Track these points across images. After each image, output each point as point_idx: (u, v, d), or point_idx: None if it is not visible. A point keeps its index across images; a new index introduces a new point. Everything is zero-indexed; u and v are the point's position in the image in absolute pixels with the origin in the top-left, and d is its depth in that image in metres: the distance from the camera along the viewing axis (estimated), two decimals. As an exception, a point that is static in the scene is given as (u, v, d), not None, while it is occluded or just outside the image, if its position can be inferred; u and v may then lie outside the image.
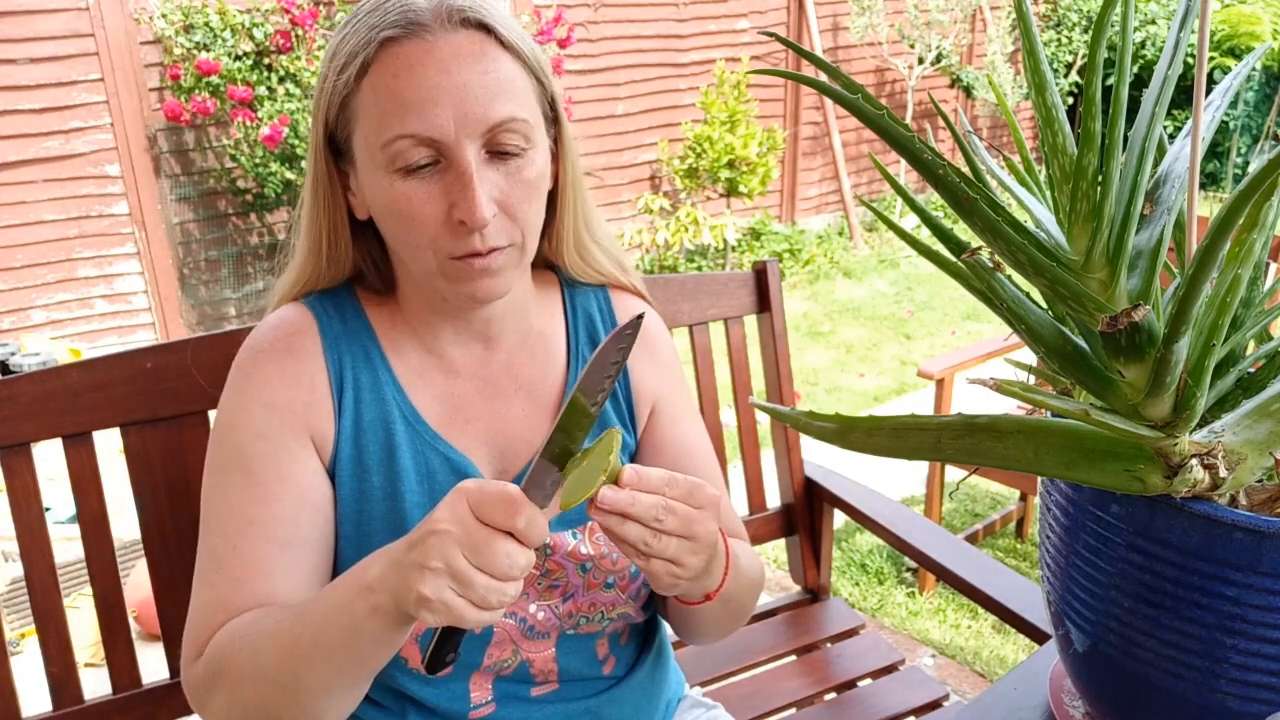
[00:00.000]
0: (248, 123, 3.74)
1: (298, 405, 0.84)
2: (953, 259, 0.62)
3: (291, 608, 0.76)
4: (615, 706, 0.94)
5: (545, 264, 0.96)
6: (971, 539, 2.57)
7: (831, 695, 1.37)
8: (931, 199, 6.21)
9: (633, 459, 0.96)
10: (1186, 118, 0.63)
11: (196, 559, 0.84)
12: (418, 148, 0.75)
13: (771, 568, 2.65)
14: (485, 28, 0.78)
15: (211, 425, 0.87)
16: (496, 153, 0.78)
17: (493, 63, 0.77)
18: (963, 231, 0.64)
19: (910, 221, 5.89)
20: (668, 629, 1.01)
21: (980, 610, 2.40)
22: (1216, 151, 7.19)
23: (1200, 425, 0.63)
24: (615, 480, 0.68)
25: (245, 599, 0.80)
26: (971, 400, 3.17)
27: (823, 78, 0.58)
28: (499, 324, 0.90)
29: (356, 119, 0.79)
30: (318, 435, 0.85)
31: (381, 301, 0.91)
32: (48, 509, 1.02)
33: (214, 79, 3.70)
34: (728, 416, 2.99)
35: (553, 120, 0.87)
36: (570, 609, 0.89)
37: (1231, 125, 7.03)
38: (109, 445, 1.42)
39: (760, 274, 1.42)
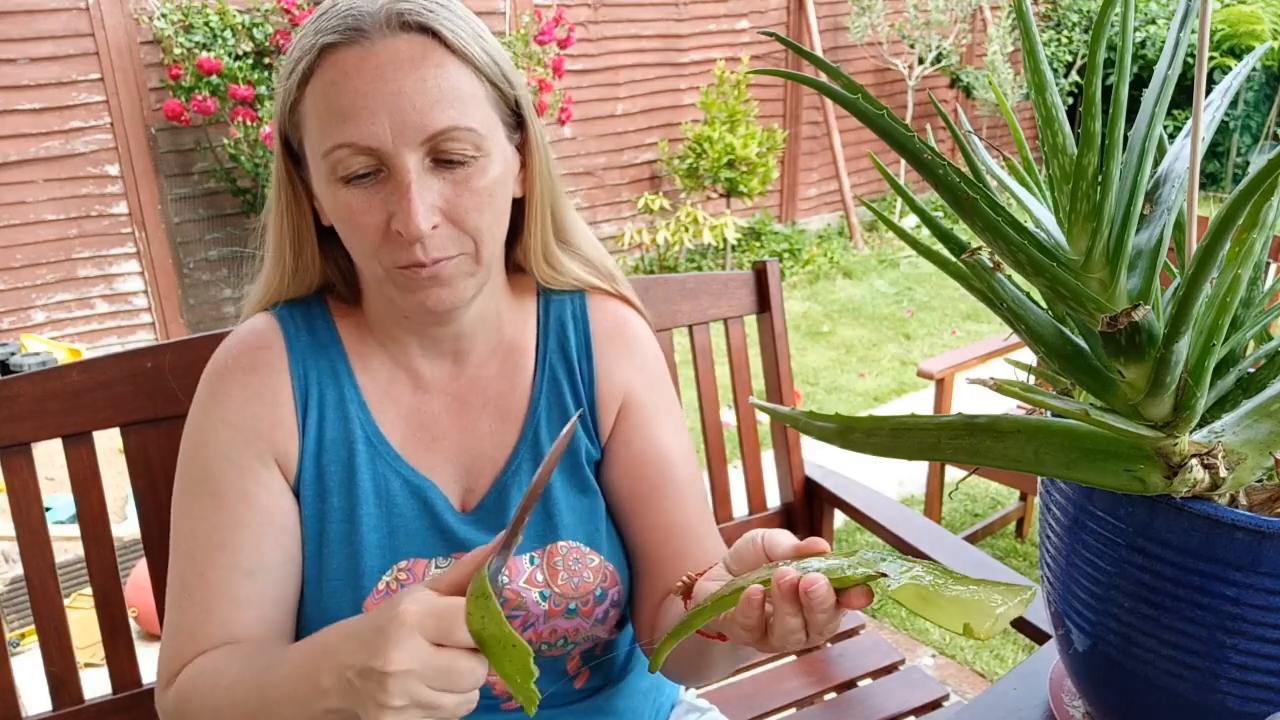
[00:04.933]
0: (248, 122, 3.74)
1: (261, 424, 0.83)
2: (953, 259, 0.62)
3: (252, 669, 0.75)
4: (596, 717, 0.93)
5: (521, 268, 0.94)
6: (971, 539, 2.57)
7: (831, 695, 1.37)
8: (931, 199, 6.21)
9: (596, 466, 0.92)
10: (1186, 118, 0.63)
11: (168, 578, 0.83)
12: (356, 156, 0.73)
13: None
14: (429, 30, 0.75)
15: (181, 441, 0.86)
16: (442, 161, 0.75)
17: (435, 69, 0.74)
18: (963, 231, 0.64)
19: (910, 221, 5.89)
20: None
21: (980, 610, 2.39)
22: (1216, 151, 7.19)
23: (1200, 425, 0.63)
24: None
25: (215, 629, 0.80)
26: (971, 400, 3.17)
27: (823, 78, 0.58)
28: (469, 339, 0.88)
29: (303, 126, 0.77)
30: (281, 454, 0.83)
31: (349, 311, 0.89)
32: (48, 509, 1.02)
33: (215, 78, 3.70)
34: (728, 416, 2.99)
35: (516, 125, 0.83)
36: (530, 637, 0.87)
37: (1231, 125, 7.03)
38: (109, 445, 1.42)
39: (760, 274, 1.42)
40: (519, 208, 0.86)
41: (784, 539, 0.67)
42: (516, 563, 0.86)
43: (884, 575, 0.60)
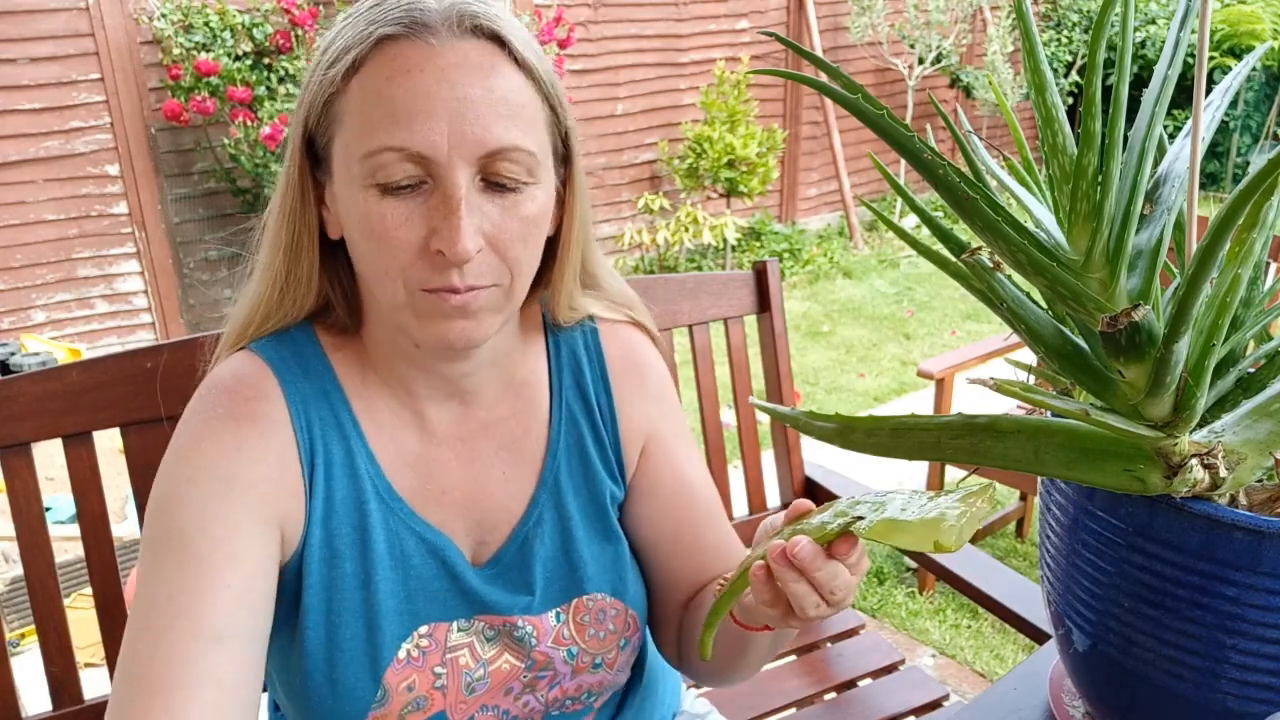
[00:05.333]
0: (248, 123, 3.74)
1: (264, 485, 0.73)
2: (953, 259, 0.62)
3: None
4: None
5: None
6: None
7: (831, 695, 1.37)
8: (931, 199, 6.21)
9: (621, 507, 0.88)
10: (1186, 118, 0.63)
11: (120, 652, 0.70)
12: (403, 163, 0.66)
13: (771, 568, 2.65)
14: (499, 40, 0.69)
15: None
16: (493, 183, 0.69)
17: (502, 80, 0.68)
18: (963, 231, 0.64)
19: (910, 221, 5.89)
20: (653, 651, 0.97)
21: (980, 610, 2.40)
22: (1216, 151, 7.19)
23: (1200, 425, 0.63)
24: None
25: (164, 716, 0.65)
26: (971, 400, 3.17)
27: (823, 78, 0.58)
28: (478, 379, 0.81)
29: (339, 122, 0.69)
30: (286, 519, 0.74)
31: (344, 342, 0.80)
32: (48, 509, 1.02)
33: (213, 79, 3.70)
34: (728, 416, 2.99)
35: (564, 158, 0.77)
36: (556, 695, 0.83)
37: (1231, 125, 7.03)
38: (109, 445, 1.42)
39: (760, 274, 1.42)
40: (549, 246, 0.79)
41: (780, 517, 0.68)
42: (543, 621, 0.81)
43: (859, 519, 0.61)
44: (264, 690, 0.75)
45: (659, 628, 0.92)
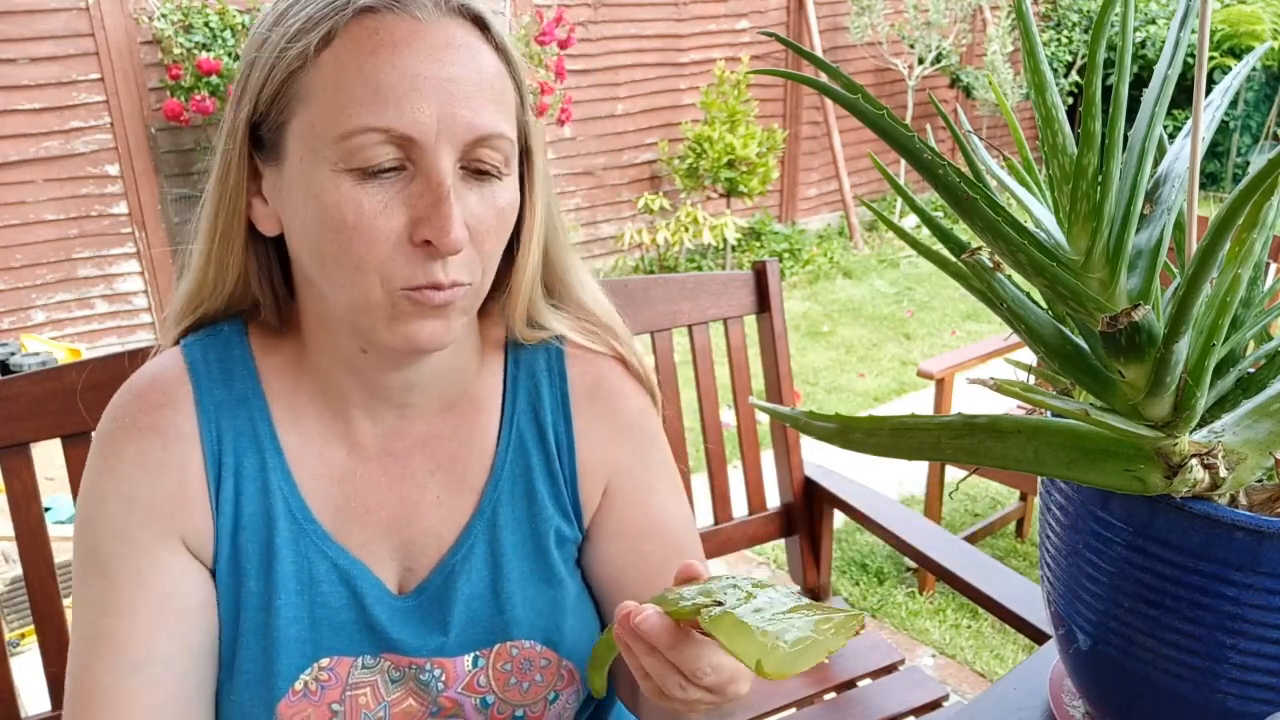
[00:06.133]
0: (248, 123, 3.74)
1: (162, 500, 0.69)
2: (953, 259, 0.62)
3: None
4: None
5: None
6: (971, 539, 2.57)
7: (831, 695, 1.37)
8: (931, 199, 6.21)
9: (580, 547, 0.81)
10: (1186, 118, 0.63)
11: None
12: (385, 145, 0.61)
13: (771, 568, 2.65)
14: (481, 22, 0.66)
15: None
16: (472, 171, 0.65)
17: (487, 63, 0.64)
18: (963, 231, 0.64)
19: (910, 221, 5.89)
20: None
21: (980, 610, 2.40)
22: (1216, 151, 7.19)
23: (1200, 425, 0.63)
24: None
25: None
26: (971, 400, 3.17)
27: (823, 78, 0.58)
28: (421, 391, 0.74)
29: (303, 100, 0.62)
30: (190, 534, 0.70)
31: (278, 345, 0.74)
32: (48, 509, 1.02)
33: (214, 78, 3.70)
34: (727, 416, 2.99)
35: (525, 152, 0.72)
36: None
37: (1231, 125, 7.03)
38: (109, 445, 1.42)
39: (760, 274, 1.42)
40: (508, 252, 0.73)
41: (684, 571, 0.60)
42: (456, 664, 0.74)
43: (719, 604, 0.53)
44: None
45: (619, 672, 0.83)
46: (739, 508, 1.48)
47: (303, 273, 0.70)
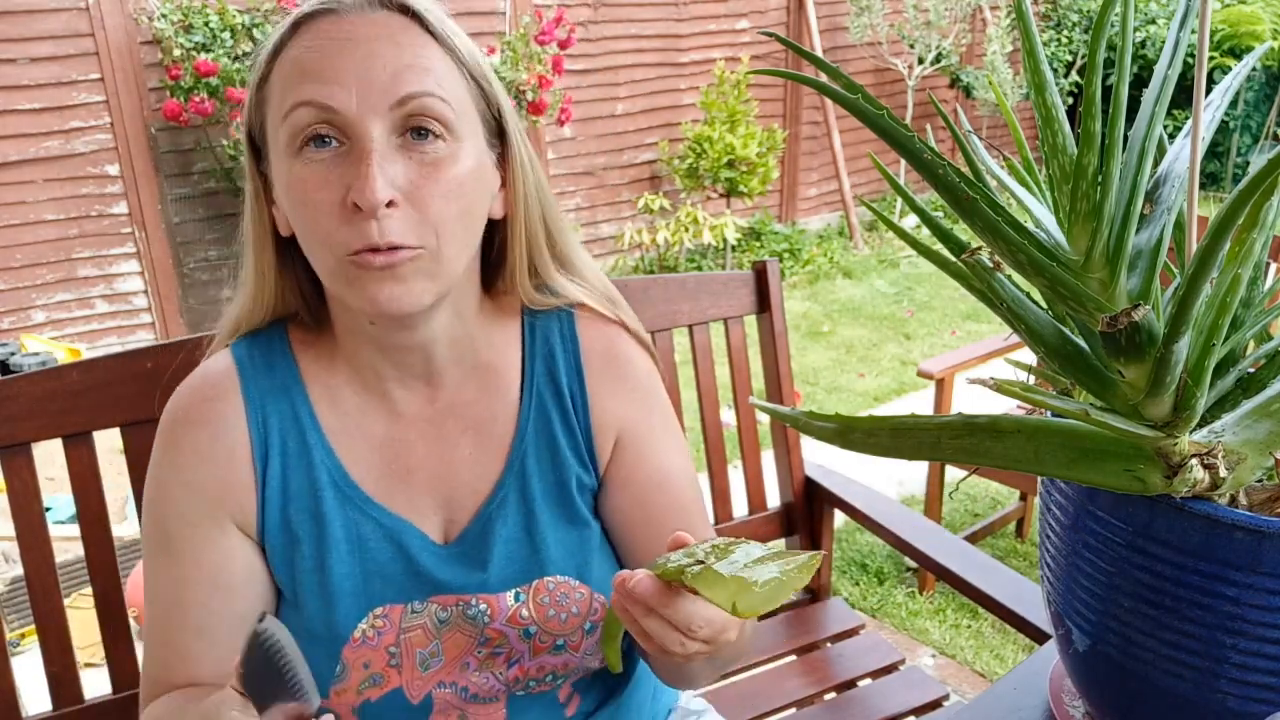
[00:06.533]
0: (248, 123, 3.74)
1: (213, 484, 0.79)
2: (953, 259, 0.62)
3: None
4: None
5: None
6: (971, 539, 2.57)
7: (831, 695, 1.37)
8: (931, 199, 6.21)
9: (594, 496, 0.89)
10: (1186, 118, 0.63)
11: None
12: (316, 115, 0.69)
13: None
14: (409, 11, 0.73)
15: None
16: (411, 134, 0.71)
17: (410, 42, 0.72)
18: (963, 231, 0.64)
19: (910, 221, 5.89)
20: None
21: (980, 610, 2.40)
22: (1216, 151, 7.19)
23: (1200, 425, 0.63)
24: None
25: (173, 680, 0.80)
26: (971, 400, 3.17)
27: (823, 78, 0.58)
28: (441, 358, 0.82)
29: (266, 104, 0.74)
30: (238, 512, 0.80)
31: (314, 340, 0.84)
32: (48, 509, 1.02)
33: (213, 80, 3.70)
34: (728, 416, 2.99)
35: (498, 135, 0.79)
36: (516, 674, 0.84)
37: (1231, 125, 7.03)
38: (109, 445, 1.42)
39: (760, 274, 1.42)
40: (502, 230, 0.83)
41: (675, 540, 0.66)
42: (499, 600, 0.82)
43: (699, 563, 0.60)
44: None
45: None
46: (739, 507, 1.48)
47: (307, 258, 0.76)
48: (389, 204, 0.69)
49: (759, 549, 0.61)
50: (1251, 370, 0.67)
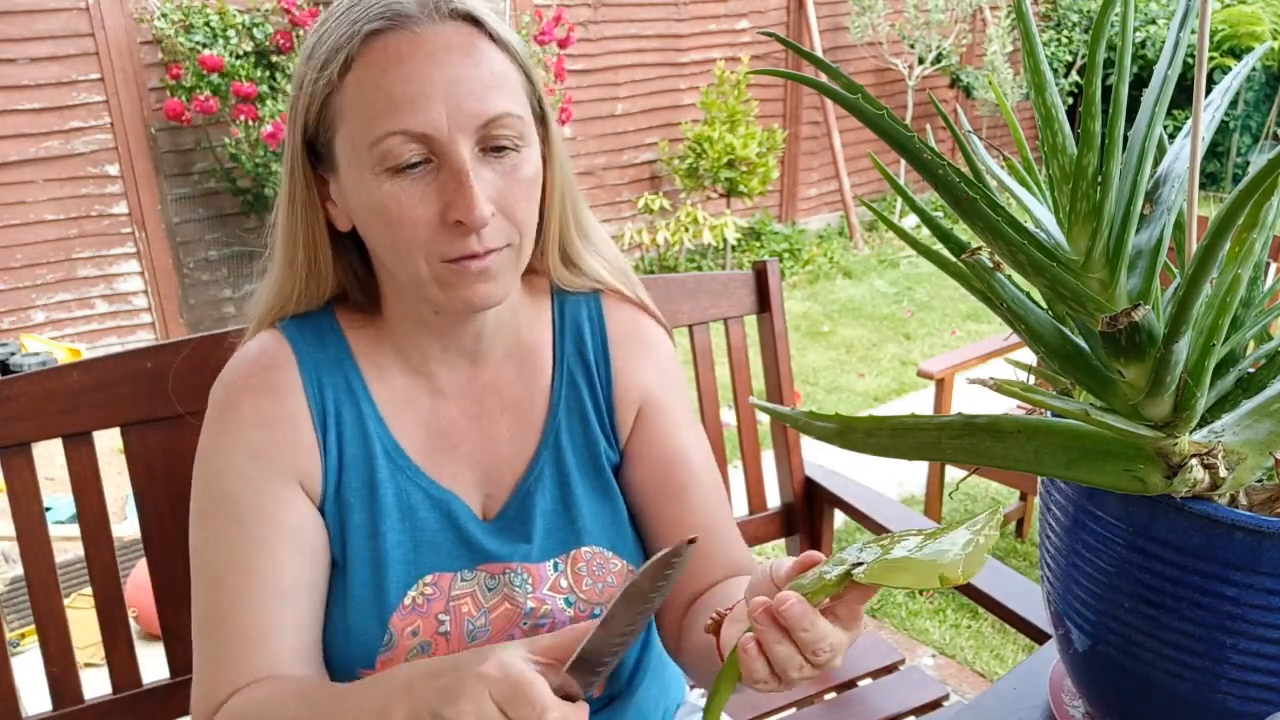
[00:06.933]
0: (249, 122, 3.74)
1: (281, 447, 0.81)
2: (953, 259, 0.62)
3: (314, 707, 0.71)
4: None
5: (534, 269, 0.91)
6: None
7: (831, 695, 1.37)
8: (931, 199, 6.21)
9: (615, 469, 0.92)
10: (1186, 118, 0.63)
11: (194, 612, 0.81)
12: (409, 144, 0.72)
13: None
14: (473, 20, 0.75)
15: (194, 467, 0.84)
16: (491, 149, 0.75)
17: (484, 56, 0.74)
18: (963, 231, 0.64)
19: (910, 221, 5.89)
20: (657, 638, 0.98)
21: (980, 610, 2.40)
22: (1216, 151, 7.19)
23: (1200, 425, 0.63)
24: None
25: (254, 656, 0.77)
26: (971, 400, 3.17)
27: (823, 78, 0.58)
28: (489, 339, 0.87)
29: (340, 119, 0.75)
30: (305, 476, 0.82)
31: (364, 321, 0.87)
32: (48, 509, 1.02)
33: (216, 76, 3.70)
34: (728, 416, 2.99)
35: (540, 119, 0.83)
36: None
37: (1231, 125, 7.03)
38: (109, 445, 1.42)
39: (760, 274, 1.42)
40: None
41: (786, 563, 0.65)
42: (540, 570, 0.85)
43: (858, 565, 0.58)
44: None
45: (664, 624, 0.91)
46: (739, 508, 1.48)
47: (375, 256, 0.81)
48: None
49: (913, 535, 0.60)
50: (1251, 370, 0.67)
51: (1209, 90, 0.64)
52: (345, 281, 0.86)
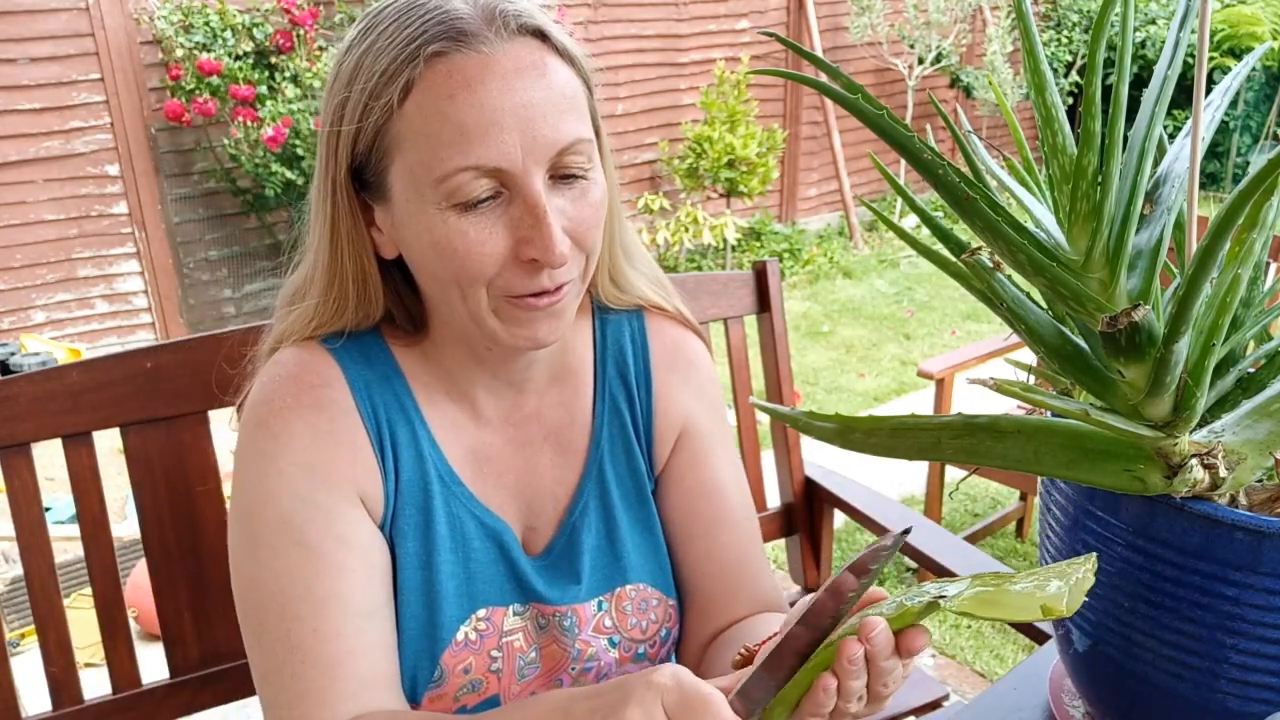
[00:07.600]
0: (249, 123, 3.74)
1: (341, 465, 0.74)
2: (953, 259, 0.62)
3: None
4: None
5: None
6: (971, 539, 2.57)
7: (831, 695, 1.36)
8: (931, 199, 6.21)
9: (653, 493, 0.88)
10: (1186, 118, 0.63)
11: (259, 652, 0.73)
12: (480, 179, 0.66)
13: (772, 568, 2.65)
14: (541, 34, 0.68)
15: (228, 498, 0.78)
16: (560, 177, 0.69)
17: (555, 75, 0.68)
18: (963, 231, 0.64)
19: (910, 221, 5.89)
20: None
21: (980, 610, 2.39)
22: (1216, 151, 7.19)
23: (1200, 425, 0.63)
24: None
25: (344, 685, 0.71)
26: (971, 400, 3.17)
27: (823, 78, 0.58)
28: (538, 366, 0.82)
29: (398, 148, 0.68)
30: (367, 497, 0.76)
31: (411, 343, 0.80)
32: (48, 509, 1.02)
33: (215, 79, 3.70)
34: (728, 416, 2.98)
35: (597, 132, 0.77)
36: None
37: (1231, 125, 7.03)
38: (109, 445, 1.42)
39: (760, 274, 1.42)
40: None
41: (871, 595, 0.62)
42: (585, 610, 0.82)
43: (943, 597, 0.57)
44: None
45: (680, 636, 0.90)
46: (739, 508, 1.48)
47: (425, 288, 0.76)
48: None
49: (978, 580, 0.57)
50: (1251, 370, 0.67)
51: (1209, 90, 0.64)
52: (393, 307, 0.79)
